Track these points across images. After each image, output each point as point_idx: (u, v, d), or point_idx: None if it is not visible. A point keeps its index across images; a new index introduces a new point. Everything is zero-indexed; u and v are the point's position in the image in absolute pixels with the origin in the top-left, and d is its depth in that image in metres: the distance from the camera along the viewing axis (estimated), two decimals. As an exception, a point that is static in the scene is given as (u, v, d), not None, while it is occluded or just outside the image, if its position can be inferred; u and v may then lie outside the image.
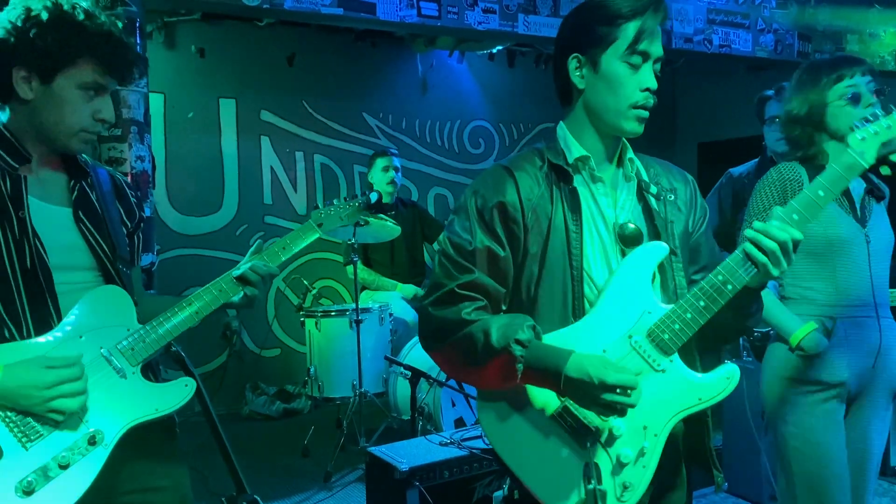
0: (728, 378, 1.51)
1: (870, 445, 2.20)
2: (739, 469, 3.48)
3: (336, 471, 4.01)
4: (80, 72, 1.55)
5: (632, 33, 1.52)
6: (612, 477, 1.48)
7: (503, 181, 1.57)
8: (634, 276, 1.54)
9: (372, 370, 4.32)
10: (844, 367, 2.10)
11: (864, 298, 2.13)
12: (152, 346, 1.61)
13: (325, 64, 5.75)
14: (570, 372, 1.42)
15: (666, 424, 1.50)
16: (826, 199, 1.53)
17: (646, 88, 1.55)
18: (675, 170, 1.75)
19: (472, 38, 4.80)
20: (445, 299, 1.55)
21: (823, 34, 4.64)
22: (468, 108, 6.36)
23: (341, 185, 5.90)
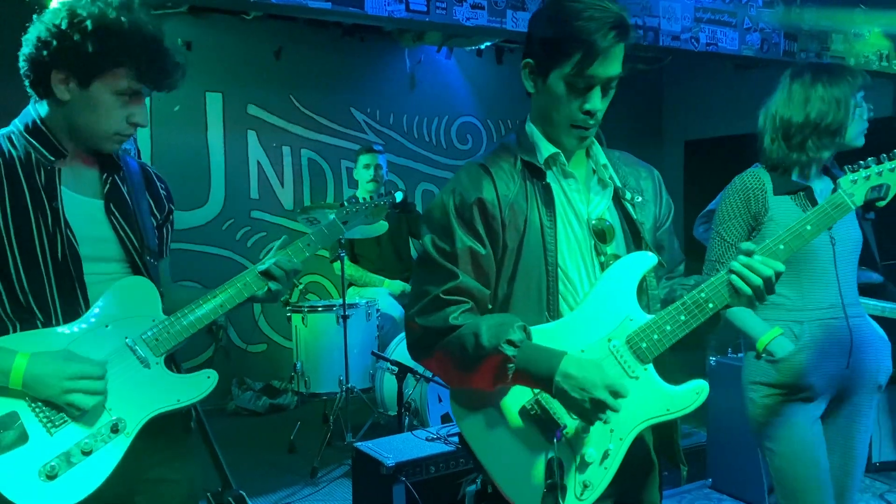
0: (697, 393, 1.54)
1: (855, 444, 2.22)
2: (724, 465, 3.51)
3: (322, 466, 4.01)
4: (116, 79, 1.57)
5: (580, 57, 1.48)
6: (575, 474, 1.50)
7: (480, 178, 1.57)
8: (620, 281, 1.56)
9: (358, 366, 4.32)
10: (812, 370, 2.12)
11: (831, 301, 2.15)
12: (176, 337, 1.64)
13: (313, 58, 5.73)
14: (561, 377, 1.44)
15: (632, 430, 1.53)
16: (813, 233, 1.62)
17: (587, 111, 1.54)
18: (641, 165, 1.75)
19: (461, 33, 4.79)
20: (431, 307, 1.53)
21: (809, 34, 4.67)
22: (456, 103, 6.35)
23: (328, 180, 5.88)
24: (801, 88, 2.16)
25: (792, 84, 2.18)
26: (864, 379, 2.20)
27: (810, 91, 2.14)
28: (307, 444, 4.32)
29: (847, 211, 1.68)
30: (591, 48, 1.47)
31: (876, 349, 2.21)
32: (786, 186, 2.16)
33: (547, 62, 1.53)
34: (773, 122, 2.19)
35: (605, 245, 1.60)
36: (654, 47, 4.16)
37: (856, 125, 2.16)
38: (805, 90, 2.15)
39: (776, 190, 2.15)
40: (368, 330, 4.44)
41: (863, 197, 1.70)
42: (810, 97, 2.13)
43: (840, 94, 2.12)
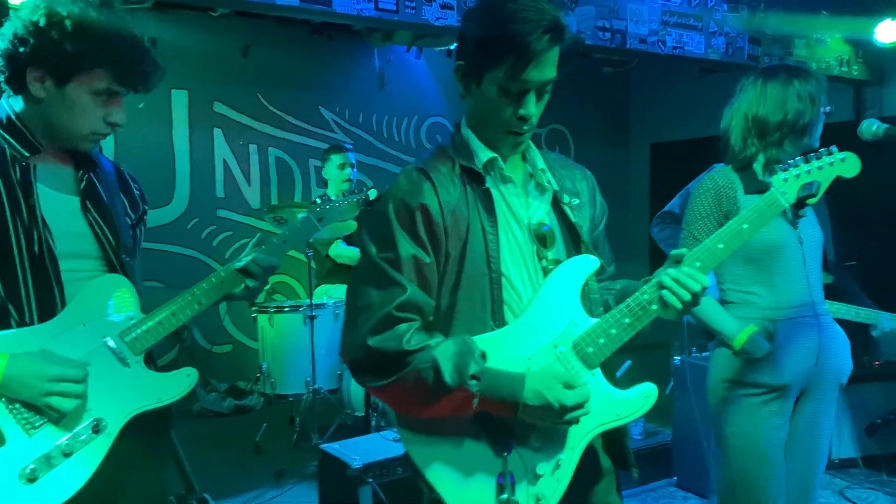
0: (646, 397, 1.53)
1: (818, 441, 2.25)
2: (688, 464, 3.55)
3: (288, 468, 3.98)
4: (94, 79, 1.55)
5: (513, 62, 1.44)
6: (527, 488, 1.47)
7: (421, 183, 1.50)
8: (564, 286, 1.54)
9: (326, 366, 4.29)
10: (787, 369, 2.14)
11: (802, 299, 2.18)
12: (155, 335, 1.63)
13: (281, 56, 5.67)
14: (529, 400, 1.43)
15: (583, 438, 1.51)
16: (750, 231, 1.64)
17: (521, 117, 1.50)
18: (576, 167, 1.73)
19: (430, 33, 4.78)
20: (383, 325, 1.44)
21: (773, 38, 4.75)
22: (426, 104, 6.34)
23: (296, 179, 5.84)
24: (778, 87, 2.17)
25: (767, 84, 2.19)
26: (828, 377, 2.23)
27: (788, 90, 2.16)
28: (273, 445, 4.28)
29: (780, 209, 1.71)
30: (525, 52, 1.43)
31: (840, 349, 2.25)
32: (754, 185, 2.18)
33: (480, 66, 1.49)
34: (746, 122, 2.19)
35: (547, 250, 1.58)
36: (621, 50, 4.19)
37: (820, 125, 2.21)
38: (783, 89, 2.16)
39: (746, 189, 2.17)
40: (336, 330, 4.40)
41: (794, 195, 1.74)
42: (788, 96, 2.15)
43: (814, 93, 2.16)
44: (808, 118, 2.15)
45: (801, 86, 2.15)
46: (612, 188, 6.32)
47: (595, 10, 4.07)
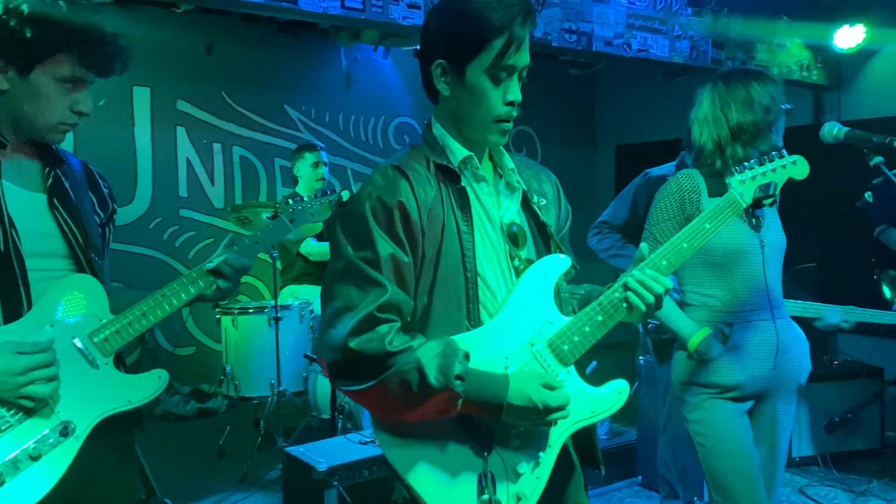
0: (619, 393, 1.56)
1: (777, 441, 2.29)
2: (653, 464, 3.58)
3: (252, 471, 3.93)
4: (58, 65, 1.51)
5: (498, 47, 1.47)
6: (508, 487, 1.48)
7: (398, 181, 1.49)
8: (537, 285, 1.55)
9: (291, 368, 4.25)
10: (740, 370, 2.18)
11: (760, 302, 2.21)
12: (125, 336, 1.60)
13: (246, 54, 5.60)
14: (514, 400, 1.43)
15: (561, 435, 1.53)
16: (712, 230, 1.69)
17: (510, 102, 1.51)
18: (542, 170, 1.75)
19: (397, 32, 4.76)
20: (365, 326, 1.41)
21: (736, 43, 4.83)
22: (393, 103, 6.32)
23: (261, 178, 5.76)
24: (741, 89, 2.20)
25: (729, 87, 2.22)
26: (787, 379, 2.26)
27: (751, 91, 2.19)
28: (237, 449, 4.22)
29: (739, 209, 1.77)
30: (511, 36, 1.46)
31: (798, 350, 2.28)
32: (719, 189, 2.19)
33: (463, 58, 1.49)
34: (715, 126, 2.21)
35: (519, 249, 1.59)
36: (587, 52, 4.22)
37: (782, 124, 2.25)
38: (746, 90, 2.19)
39: (710, 192, 2.19)
40: (302, 332, 4.37)
41: (751, 195, 1.80)
42: (752, 96, 2.18)
43: (774, 92, 2.20)
44: (773, 116, 2.19)
45: (761, 86, 2.19)
46: (578, 190, 6.37)
47: (561, 12, 4.09)
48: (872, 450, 4.50)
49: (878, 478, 4.14)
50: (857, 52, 5.16)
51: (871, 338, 4.08)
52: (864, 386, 4.47)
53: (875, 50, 5.19)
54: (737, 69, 2.30)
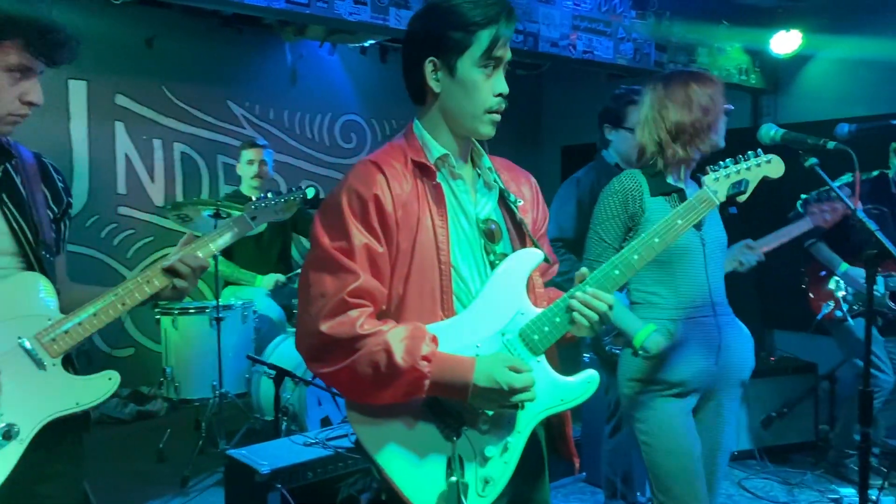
0: (589, 382, 1.61)
1: (720, 436, 2.33)
2: (598, 460, 3.62)
3: (193, 475, 3.84)
4: (5, 54, 1.47)
5: (487, 40, 1.55)
6: (476, 471, 1.52)
7: (374, 176, 1.54)
8: (510, 277, 1.60)
9: (233, 370, 4.16)
10: (685, 367, 2.21)
11: (702, 299, 2.24)
12: (75, 337, 1.55)
13: (188, 48, 5.47)
14: (479, 381, 1.47)
15: (530, 422, 1.57)
16: (683, 227, 1.75)
17: (499, 94, 1.59)
18: (520, 171, 1.81)
19: (343, 28, 4.72)
20: (336, 310, 1.47)
21: (678, 46, 4.93)
22: (340, 101, 6.26)
23: (203, 175, 5.64)
24: (681, 90, 2.24)
25: (668, 88, 2.26)
26: (730, 375, 2.30)
27: (690, 92, 2.23)
28: (178, 452, 4.13)
29: (712, 205, 1.82)
30: (500, 30, 1.55)
31: (741, 347, 2.32)
32: (661, 188, 2.24)
33: (455, 52, 1.55)
34: (655, 126, 2.25)
35: (494, 244, 1.64)
36: (533, 53, 4.24)
37: (723, 124, 2.29)
38: (685, 92, 2.23)
39: (652, 191, 2.23)
40: (244, 332, 4.29)
41: (725, 193, 1.85)
42: (691, 97, 2.22)
43: (713, 92, 2.24)
44: (713, 117, 2.24)
45: (700, 87, 2.23)
46: (524, 189, 6.39)
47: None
48: (807, 443, 4.65)
49: (811, 470, 4.27)
50: (794, 58, 5.32)
51: (805, 335, 4.21)
52: (798, 381, 4.62)
53: (810, 55, 5.36)
54: (678, 71, 2.34)
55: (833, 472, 4.22)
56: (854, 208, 1.91)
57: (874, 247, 1.86)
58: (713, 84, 2.26)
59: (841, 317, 3.99)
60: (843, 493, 3.86)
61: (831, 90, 5.31)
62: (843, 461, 4.19)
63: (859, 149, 2.04)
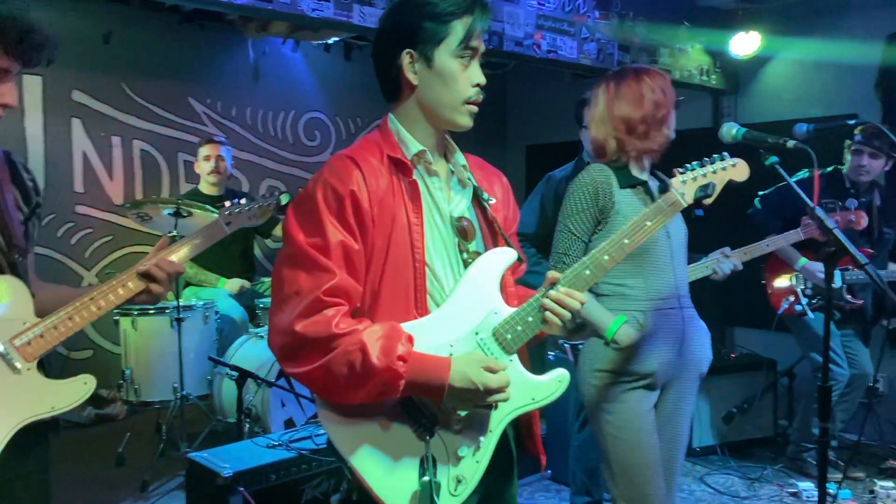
0: (560, 381, 1.61)
1: (679, 429, 2.35)
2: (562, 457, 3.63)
3: (154, 479, 3.77)
4: None
5: (463, 30, 1.56)
6: (448, 470, 1.52)
7: (351, 171, 1.52)
8: (484, 276, 1.60)
9: (195, 372, 4.10)
10: (654, 359, 2.23)
11: (669, 292, 2.27)
12: (49, 341, 1.53)
13: (147, 44, 5.36)
14: (455, 382, 1.46)
15: (501, 421, 1.57)
16: (652, 228, 1.77)
17: (476, 84, 1.60)
18: (491, 170, 1.81)
19: (306, 25, 4.67)
20: (311, 309, 1.44)
21: (640, 47, 4.97)
22: (303, 98, 6.19)
23: (164, 173, 5.53)
24: (632, 86, 2.28)
25: (620, 85, 2.30)
26: (690, 368, 2.33)
27: (641, 86, 2.27)
28: (137, 456, 4.04)
29: (680, 207, 1.86)
30: (475, 20, 1.56)
31: (701, 340, 2.36)
32: (628, 180, 2.28)
33: (432, 43, 1.55)
34: (612, 123, 2.29)
35: (468, 243, 1.63)
36: (498, 52, 4.24)
37: (673, 117, 2.33)
38: (636, 87, 2.27)
39: (621, 184, 2.26)
40: (206, 333, 4.22)
41: (692, 195, 1.88)
42: (643, 91, 2.26)
43: (663, 86, 2.29)
44: (666, 110, 2.28)
45: (650, 81, 2.28)
46: (489, 188, 6.40)
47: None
48: (767, 438, 4.73)
49: (771, 464, 4.35)
50: (753, 59, 5.41)
51: (765, 331, 4.28)
52: (758, 377, 4.70)
53: (769, 57, 5.45)
54: (627, 67, 2.38)
55: (792, 467, 4.30)
56: (813, 206, 1.94)
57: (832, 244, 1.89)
58: (663, 79, 2.30)
59: (801, 311, 4.07)
60: (802, 488, 3.93)
61: (789, 91, 5.42)
62: (801, 455, 4.28)
63: (816, 147, 2.08)
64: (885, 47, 4.84)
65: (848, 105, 4.99)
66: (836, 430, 4.26)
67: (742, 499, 3.92)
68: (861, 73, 4.93)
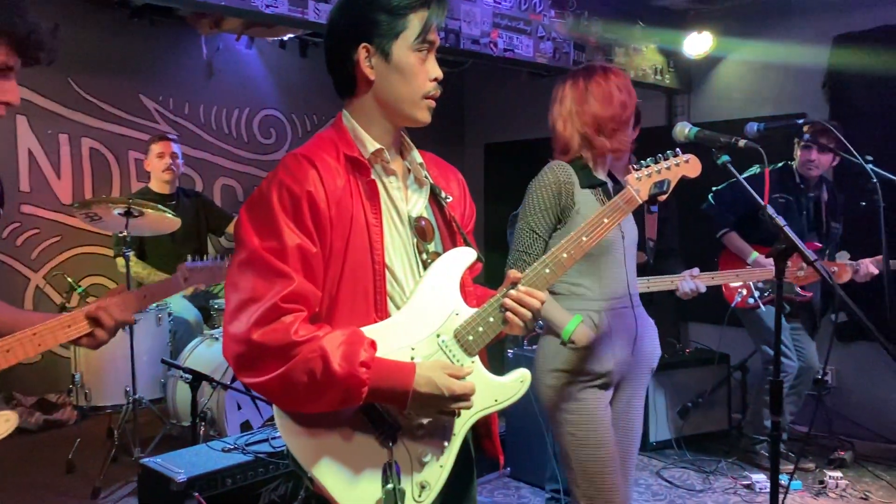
0: (521, 381, 1.59)
1: (633, 425, 2.38)
2: (521, 455, 3.65)
3: (105, 486, 3.68)
4: None
5: (420, 24, 1.53)
6: (411, 476, 1.50)
7: (307, 171, 1.47)
8: (444, 277, 1.57)
9: (148, 375, 4.01)
10: (610, 358, 2.25)
11: (622, 291, 2.30)
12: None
13: (96, 40, 5.22)
14: (420, 387, 1.43)
15: (465, 424, 1.55)
16: (609, 226, 1.78)
17: (434, 78, 1.58)
18: (447, 167, 1.79)
19: (260, 21, 4.60)
20: (269, 317, 1.38)
21: (596, 46, 5.01)
22: (258, 95, 6.09)
23: (114, 172, 5.40)
24: (601, 84, 2.27)
25: (589, 83, 2.29)
26: (642, 364, 2.36)
27: (609, 85, 2.27)
28: (88, 462, 3.95)
29: (636, 204, 1.86)
30: (432, 13, 1.54)
31: (651, 337, 2.40)
32: (589, 181, 2.28)
33: (389, 36, 1.52)
34: (580, 121, 2.28)
35: (427, 243, 1.61)
36: (455, 50, 4.23)
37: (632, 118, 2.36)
38: (605, 85, 2.27)
39: (582, 184, 2.26)
40: (159, 336, 4.13)
41: (648, 192, 1.89)
42: (612, 90, 2.26)
43: (629, 88, 2.30)
44: (630, 109, 2.29)
45: (616, 80, 2.28)
46: (447, 186, 6.40)
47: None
48: (721, 431, 4.82)
49: (725, 457, 4.43)
50: (705, 59, 5.50)
51: (719, 326, 4.36)
52: (713, 372, 4.78)
53: (721, 57, 5.55)
54: (594, 64, 2.37)
55: (745, 459, 4.39)
56: (764, 205, 1.97)
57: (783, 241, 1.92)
58: (627, 79, 2.32)
59: (753, 304, 4.16)
60: (756, 479, 4.02)
61: (740, 91, 5.52)
62: (754, 448, 4.37)
63: (767, 145, 2.12)
64: (831, 49, 4.97)
65: (797, 104, 5.11)
66: (787, 422, 4.36)
67: (697, 492, 3.98)
68: (809, 74, 5.06)
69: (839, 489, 3.94)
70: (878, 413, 4.69)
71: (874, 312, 2.12)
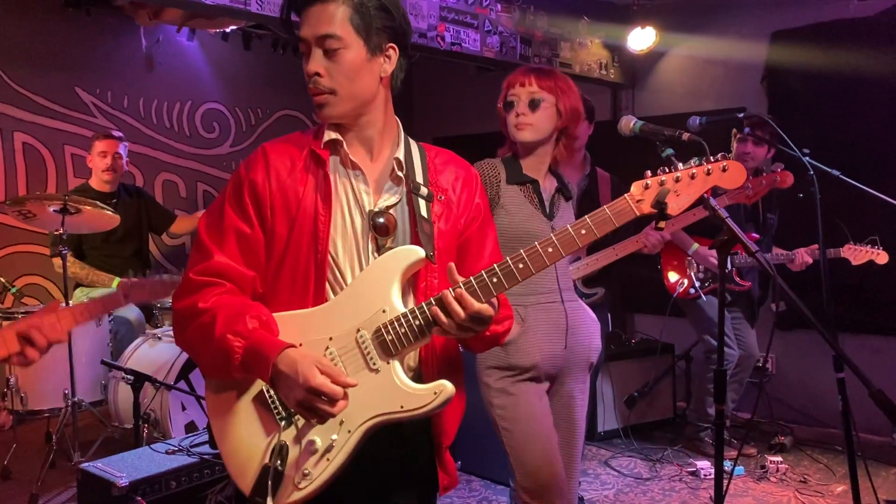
0: (436, 393, 1.48)
1: (574, 417, 2.42)
2: (471, 448, 3.66)
3: (43, 492, 3.55)
4: None
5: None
6: (297, 461, 1.50)
7: (256, 160, 1.59)
8: (382, 273, 1.53)
9: (88, 376, 3.90)
10: (536, 352, 2.29)
11: (549, 286, 2.34)
12: None
13: (28, 30, 5.03)
14: (280, 365, 1.43)
15: (362, 424, 1.49)
16: (587, 237, 1.59)
17: (306, 72, 1.56)
18: (460, 165, 1.74)
19: (201, 12, 4.48)
20: (185, 287, 1.55)
21: (542, 40, 5.04)
22: (200, 89, 5.95)
23: (49, 168, 5.21)
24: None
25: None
26: (578, 358, 2.40)
27: None
28: (25, 468, 3.81)
29: (629, 217, 1.62)
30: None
31: (587, 330, 2.43)
32: (517, 177, 2.33)
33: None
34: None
35: (384, 238, 1.58)
36: (403, 43, 4.21)
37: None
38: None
39: (509, 179, 2.32)
40: (99, 336, 4.01)
41: (651, 204, 1.63)
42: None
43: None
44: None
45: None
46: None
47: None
48: (666, 420, 4.92)
49: (671, 445, 4.53)
50: (649, 54, 5.58)
51: (663, 317, 4.44)
52: (658, 362, 4.88)
53: (664, 52, 5.64)
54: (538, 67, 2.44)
55: (690, 447, 4.49)
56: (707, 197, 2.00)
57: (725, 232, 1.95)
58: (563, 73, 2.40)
59: (694, 294, 4.25)
60: (700, 466, 4.11)
61: (683, 85, 5.62)
62: (699, 435, 4.47)
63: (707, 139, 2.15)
64: (769, 45, 5.10)
65: (737, 99, 5.23)
66: (729, 409, 4.47)
67: (645, 480, 4.06)
68: (748, 69, 5.18)
69: (780, 473, 4.06)
70: (815, 398, 4.85)
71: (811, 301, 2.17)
